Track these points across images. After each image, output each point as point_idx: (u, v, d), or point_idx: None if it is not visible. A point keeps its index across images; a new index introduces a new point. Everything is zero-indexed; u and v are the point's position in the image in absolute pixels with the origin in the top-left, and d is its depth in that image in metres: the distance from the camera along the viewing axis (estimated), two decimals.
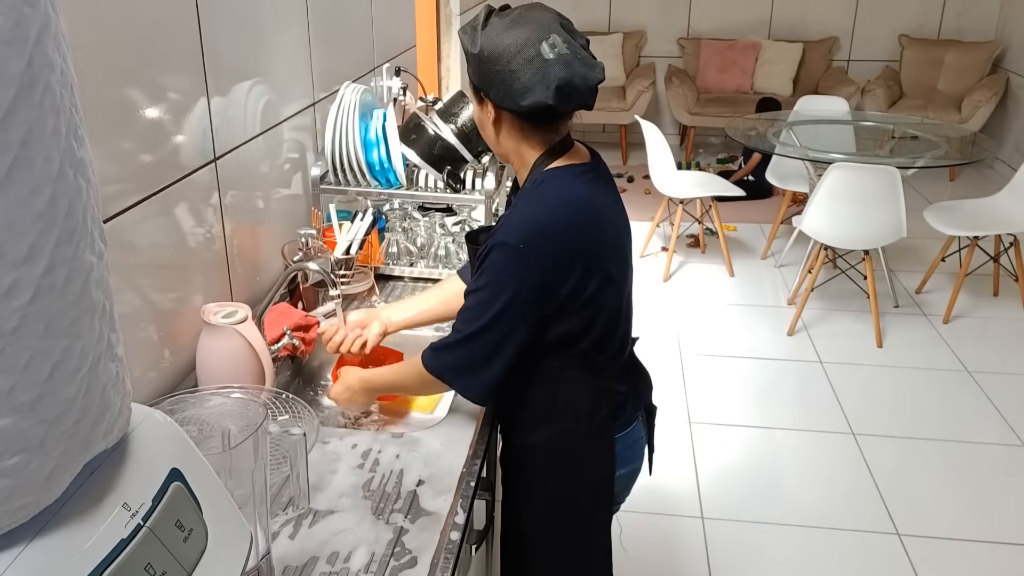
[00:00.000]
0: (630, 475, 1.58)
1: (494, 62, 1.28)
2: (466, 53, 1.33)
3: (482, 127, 1.43)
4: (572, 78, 1.27)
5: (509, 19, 1.30)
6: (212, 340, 1.41)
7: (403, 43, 2.90)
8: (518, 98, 1.29)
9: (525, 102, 1.28)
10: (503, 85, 1.29)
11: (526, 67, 1.27)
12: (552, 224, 1.32)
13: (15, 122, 0.52)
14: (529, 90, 1.27)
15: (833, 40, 6.41)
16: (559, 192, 1.35)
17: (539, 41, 1.26)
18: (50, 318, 0.56)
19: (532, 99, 1.28)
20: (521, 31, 1.28)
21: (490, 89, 1.32)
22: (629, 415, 1.53)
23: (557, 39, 1.27)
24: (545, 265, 1.31)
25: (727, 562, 2.47)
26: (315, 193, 2.02)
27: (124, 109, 1.26)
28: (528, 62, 1.27)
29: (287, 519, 1.23)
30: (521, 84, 1.27)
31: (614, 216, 1.42)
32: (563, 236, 1.32)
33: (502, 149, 1.43)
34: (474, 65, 1.32)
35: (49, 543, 0.60)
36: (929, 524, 2.62)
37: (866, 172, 3.51)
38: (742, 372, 3.53)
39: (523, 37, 1.27)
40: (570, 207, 1.34)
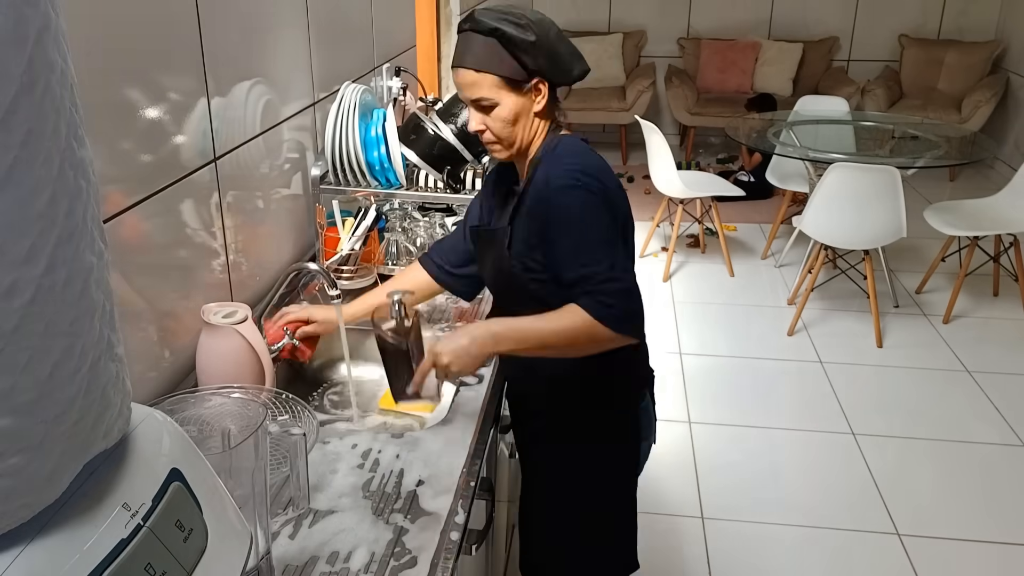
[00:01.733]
0: (648, 447, 1.67)
1: (549, 45, 1.39)
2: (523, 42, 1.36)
3: (518, 117, 1.43)
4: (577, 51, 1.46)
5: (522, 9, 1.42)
6: (212, 340, 1.41)
7: (403, 43, 2.90)
8: (569, 70, 1.43)
9: (575, 72, 1.44)
10: (558, 63, 1.41)
11: (562, 44, 1.42)
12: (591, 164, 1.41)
13: (15, 122, 0.52)
14: (572, 65, 1.43)
15: (833, 40, 6.41)
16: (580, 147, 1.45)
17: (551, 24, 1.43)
18: (50, 318, 0.56)
19: (579, 68, 1.44)
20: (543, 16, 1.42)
21: (548, 70, 1.41)
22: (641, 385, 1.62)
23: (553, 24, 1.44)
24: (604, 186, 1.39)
25: (727, 562, 2.46)
26: (315, 193, 2.02)
27: (124, 109, 1.26)
28: (560, 40, 1.42)
29: (287, 519, 1.23)
30: (564, 62, 1.42)
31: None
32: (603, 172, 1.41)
33: (531, 135, 1.46)
34: (530, 53, 1.37)
35: (49, 543, 0.60)
36: (929, 524, 2.62)
37: (866, 172, 3.51)
38: (742, 372, 3.53)
39: (547, 20, 1.43)
40: (593, 155, 1.44)
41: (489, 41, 1.37)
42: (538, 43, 1.37)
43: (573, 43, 1.45)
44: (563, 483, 1.62)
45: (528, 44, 1.36)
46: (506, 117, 1.41)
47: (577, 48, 1.46)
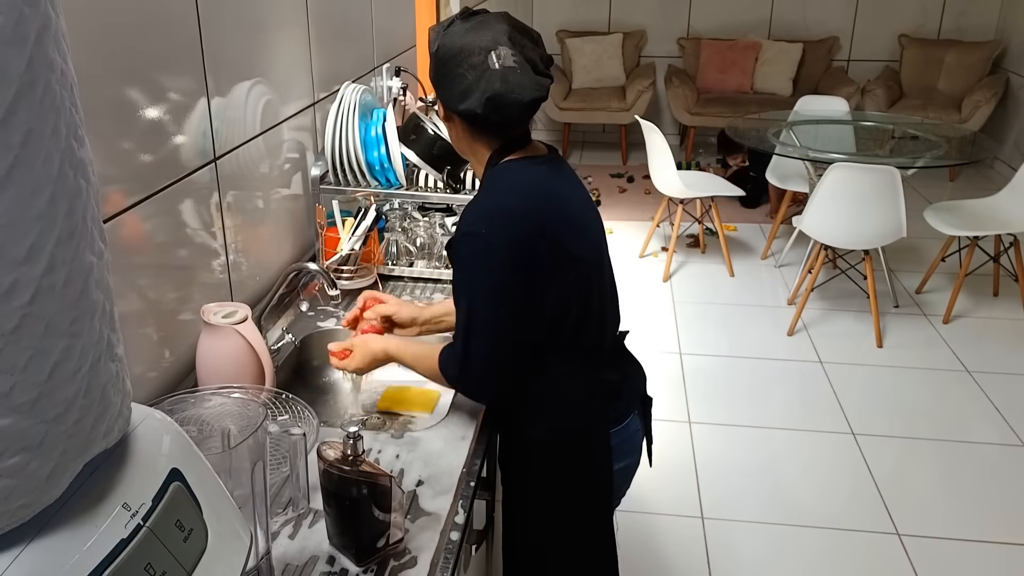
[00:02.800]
0: (628, 468, 1.59)
1: (445, 63, 1.34)
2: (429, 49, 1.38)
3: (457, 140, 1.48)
4: (505, 92, 1.31)
5: (469, 24, 1.35)
6: (212, 340, 1.41)
7: (403, 43, 2.90)
8: (456, 101, 1.34)
9: (461, 106, 1.33)
10: (448, 87, 1.34)
11: (469, 72, 1.31)
12: (504, 205, 1.35)
13: (15, 122, 0.52)
14: (465, 96, 1.32)
15: (833, 40, 6.41)
16: (511, 178, 1.39)
17: (488, 50, 1.30)
18: (50, 318, 0.56)
19: (465, 105, 1.33)
20: (476, 36, 1.32)
21: (439, 88, 1.37)
22: (623, 408, 1.52)
23: (505, 51, 1.31)
24: (509, 246, 1.32)
25: (727, 562, 2.47)
26: (315, 193, 2.02)
27: (124, 109, 1.26)
28: (472, 68, 1.31)
29: (287, 519, 1.23)
30: (460, 89, 1.32)
31: (575, 200, 1.43)
32: (518, 215, 1.34)
33: (459, 147, 1.48)
34: (432, 64, 1.37)
35: (49, 543, 0.60)
36: (929, 524, 2.62)
37: (866, 172, 3.51)
38: (742, 372, 3.53)
39: (476, 43, 1.31)
40: (523, 190, 1.37)
41: None
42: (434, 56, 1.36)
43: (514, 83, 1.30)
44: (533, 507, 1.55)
45: (430, 55, 1.36)
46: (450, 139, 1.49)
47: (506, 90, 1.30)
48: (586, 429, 1.47)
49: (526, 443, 1.51)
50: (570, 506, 1.52)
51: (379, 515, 1.13)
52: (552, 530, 1.54)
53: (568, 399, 1.46)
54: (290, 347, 1.71)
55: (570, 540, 1.55)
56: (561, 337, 1.42)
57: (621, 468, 1.55)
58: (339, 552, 1.17)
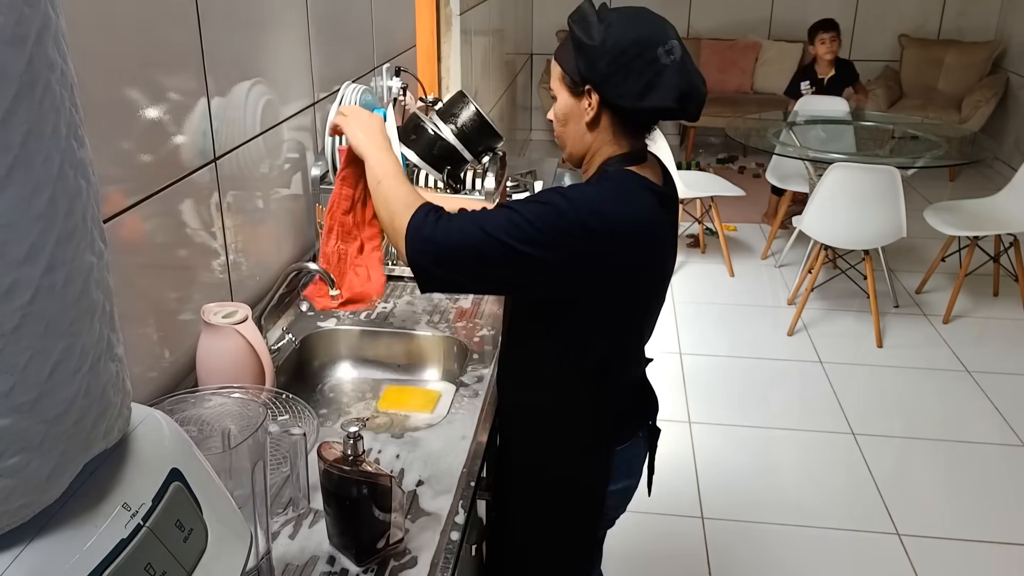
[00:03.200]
0: (626, 490, 1.55)
1: (614, 57, 1.24)
2: (578, 41, 1.27)
3: (568, 120, 1.35)
4: (690, 87, 1.27)
5: (626, 16, 1.27)
6: (212, 340, 1.41)
7: (403, 43, 2.90)
8: (637, 98, 1.26)
9: (646, 103, 1.26)
10: (622, 83, 1.25)
11: (647, 68, 1.24)
12: (601, 212, 1.25)
13: (15, 122, 0.52)
14: (650, 91, 1.25)
15: None
16: (620, 190, 1.29)
17: (658, 44, 1.24)
18: (50, 318, 0.56)
19: (654, 101, 1.25)
20: (642, 30, 1.25)
21: (603, 84, 1.27)
22: (629, 431, 1.50)
23: (675, 45, 1.25)
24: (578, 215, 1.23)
25: (727, 562, 2.47)
26: (315, 193, 2.02)
27: (124, 109, 1.27)
28: (648, 64, 1.24)
29: (287, 519, 1.23)
30: (640, 85, 1.25)
31: (662, 240, 1.35)
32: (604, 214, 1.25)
33: (584, 146, 1.36)
34: (588, 57, 1.26)
35: (49, 543, 0.60)
36: (929, 524, 2.62)
37: (866, 172, 3.51)
38: (742, 372, 3.53)
39: (644, 37, 1.24)
40: (622, 209, 1.27)
41: (567, 32, 1.32)
42: (599, 49, 1.25)
43: (688, 81, 1.26)
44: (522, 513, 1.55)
45: (587, 47, 1.26)
46: (559, 114, 1.36)
47: (690, 89, 1.26)
48: (585, 449, 1.45)
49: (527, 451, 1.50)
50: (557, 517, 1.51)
51: (379, 515, 1.14)
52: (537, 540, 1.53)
53: (578, 415, 1.43)
54: (290, 347, 1.71)
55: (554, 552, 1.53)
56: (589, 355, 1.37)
57: (619, 489, 1.52)
58: (339, 552, 1.17)
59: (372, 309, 1.92)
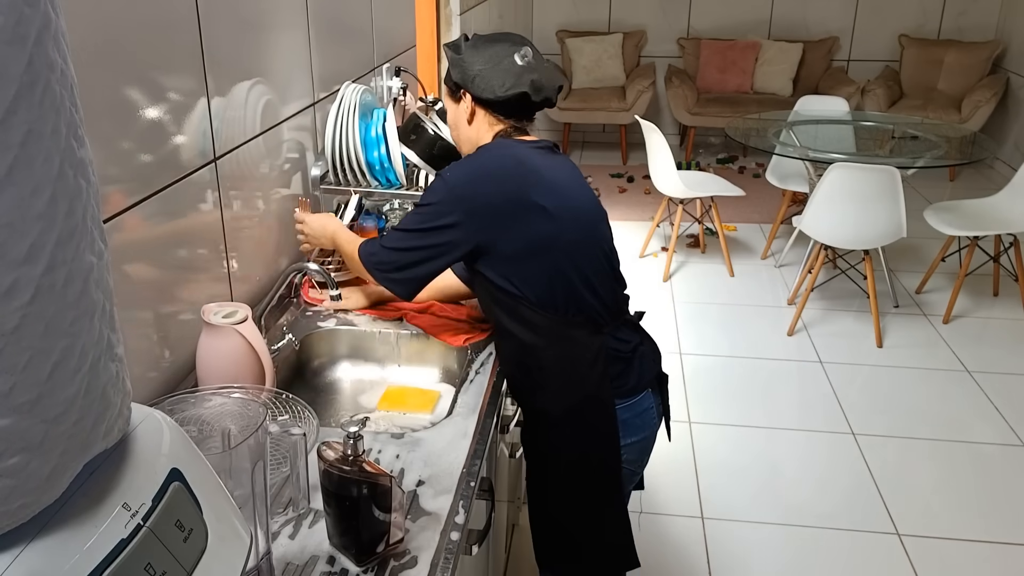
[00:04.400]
0: (644, 443, 1.66)
1: (477, 64, 1.58)
2: (451, 60, 1.62)
3: (456, 123, 1.67)
4: (542, 78, 1.59)
5: (488, 38, 1.61)
6: (212, 340, 1.41)
7: (403, 43, 2.90)
8: (498, 90, 1.57)
9: (503, 92, 1.57)
10: (484, 82, 1.58)
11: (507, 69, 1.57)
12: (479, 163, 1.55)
13: (15, 122, 0.52)
14: (510, 85, 1.57)
15: (833, 40, 6.41)
16: (496, 148, 1.58)
17: (512, 53, 1.58)
18: (50, 318, 0.56)
19: (513, 91, 1.57)
20: (499, 45, 1.59)
21: (471, 85, 1.59)
22: (634, 382, 1.60)
23: (528, 51, 1.58)
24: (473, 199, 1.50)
25: (727, 562, 2.47)
26: (315, 193, 2.02)
27: (124, 109, 1.26)
28: (506, 69, 1.57)
29: (287, 519, 1.23)
30: (501, 81, 1.57)
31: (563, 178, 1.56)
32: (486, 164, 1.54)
33: (472, 140, 1.65)
34: (459, 68, 1.60)
35: (49, 543, 0.60)
36: (929, 524, 2.62)
37: (866, 172, 3.51)
38: (742, 372, 3.53)
39: (501, 49, 1.59)
40: (503, 159, 1.54)
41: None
42: (466, 60, 1.59)
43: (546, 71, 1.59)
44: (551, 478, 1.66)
45: (455, 60, 1.61)
46: (451, 123, 1.69)
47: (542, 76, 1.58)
48: (592, 395, 1.56)
49: (538, 415, 1.62)
50: (582, 474, 1.61)
51: (379, 515, 1.13)
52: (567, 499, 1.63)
53: (572, 365, 1.55)
54: (290, 347, 1.71)
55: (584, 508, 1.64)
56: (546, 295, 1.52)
57: (635, 442, 1.63)
58: (339, 552, 1.17)
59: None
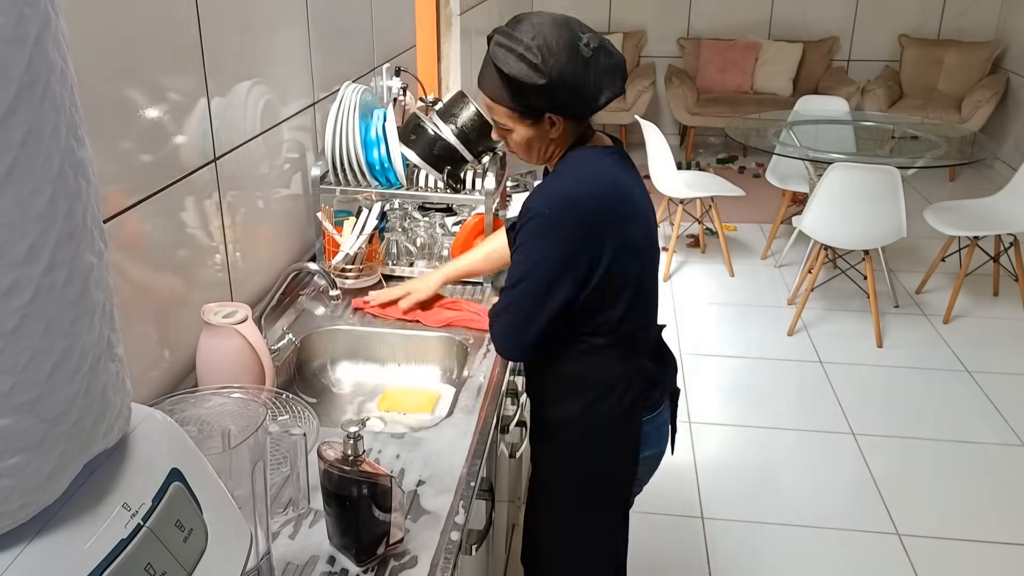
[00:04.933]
0: (655, 457, 1.64)
1: (565, 86, 1.33)
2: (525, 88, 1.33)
3: (532, 143, 1.45)
4: (619, 61, 1.38)
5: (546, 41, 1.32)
6: (213, 340, 1.41)
7: (403, 43, 2.90)
8: (592, 102, 1.37)
9: (601, 101, 1.37)
10: (578, 100, 1.36)
11: (588, 77, 1.34)
12: (576, 192, 1.39)
13: (15, 122, 0.52)
14: (600, 91, 1.36)
15: (833, 40, 6.41)
16: (581, 166, 1.44)
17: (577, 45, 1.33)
18: (50, 318, 0.56)
19: (606, 96, 1.37)
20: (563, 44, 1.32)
21: (564, 108, 1.37)
22: (657, 397, 1.59)
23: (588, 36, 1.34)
24: (572, 231, 1.37)
25: (727, 562, 2.47)
26: (315, 193, 2.02)
27: (124, 109, 1.26)
28: (585, 72, 1.33)
29: (287, 519, 1.23)
30: (591, 92, 1.36)
31: (637, 194, 1.47)
32: (587, 204, 1.38)
33: (550, 153, 1.47)
34: (543, 95, 1.34)
35: (49, 543, 0.60)
36: (929, 524, 2.62)
37: (866, 172, 3.51)
38: (742, 372, 3.53)
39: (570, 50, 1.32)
40: (592, 179, 1.41)
41: (501, 77, 1.36)
42: (549, 85, 1.32)
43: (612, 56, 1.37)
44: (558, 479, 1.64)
45: (537, 88, 1.33)
46: (519, 142, 1.45)
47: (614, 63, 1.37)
48: (623, 414, 1.53)
49: (560, 421, 1.57)
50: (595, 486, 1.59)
51: (379, 515, 1.13)
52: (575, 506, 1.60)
53: (611, 381, 1.51)
54: (290, 347, 1.71)
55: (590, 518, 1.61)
56: (611, 321, 1.46)
57: (650, 455, 1.61)
58: (339, 552, 1.17)
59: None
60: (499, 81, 1.36)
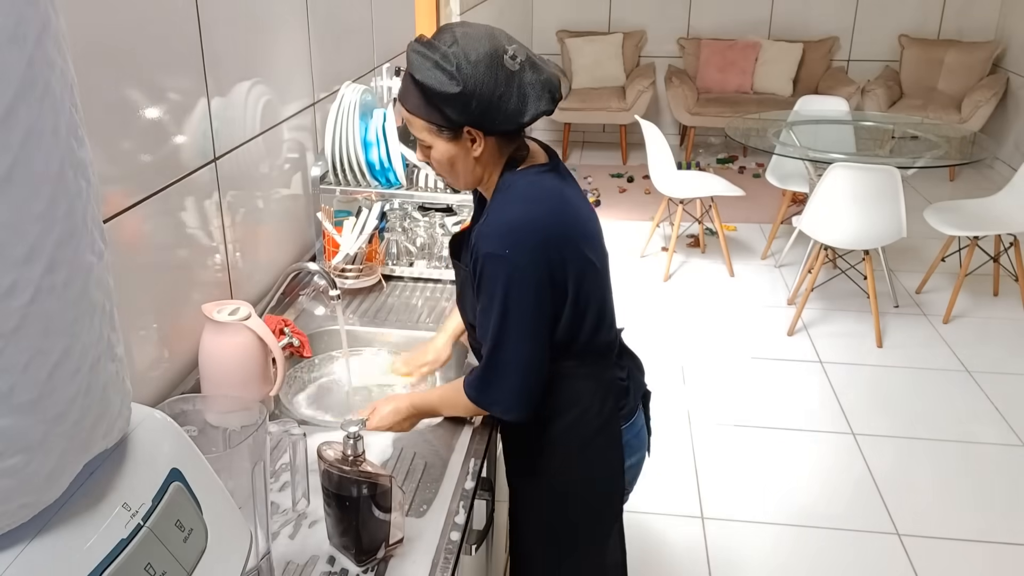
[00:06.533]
0: (637, 464, 1.59)
1: (481, 96, 1.25)
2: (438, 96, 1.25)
3: (455, 162, 1.35)
4: (550, 77, 1.29)
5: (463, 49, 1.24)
6: (217, 338, 1.40)
7: (403, 43, 2.90)
8: (517, 116, 1.28)
9: (527, 116, 1.28)
10: (499, 113, 1.27)
11: (510, 88, 1.26)
12: (528, 220, 1.32)
13: (15, 122, 0.52)
14: (525, 105, 1.28)
15: (833, 40, 6.41)
16: (526, 189, 1.35)
17: (502, 57, 1.25)
18: (50, 318, 0.56)
19: (533, 112, 1.28)
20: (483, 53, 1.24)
21: (483, 121, 1.28)
22: (632, 404, 1.53)
23: (514, 48, 1.27)
24: (538, 269, 1.30)
25: (727, 562, 2.46)
26: (315, 193, 2.02)
27: (124, 109, 1.26)
28: (509, 83, 1.26)
29: (287, 519, 1.23)
30: (514, 105, 1.27)
31: (582, 206, 1.41)
32: (544, 232, 1.31)
33: (478, 176, 1.39)
34: (456, 104, 1.25)
35: (49, 543, 0.60)
36: (929, 524, 2.62)
37: (866, 172, 3.51)
38: (742, 372, 3.53)
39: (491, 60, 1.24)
40: (540, 201, 1.34)
41: (417, 87, 1.28)
42: (463, 95, 1.24)
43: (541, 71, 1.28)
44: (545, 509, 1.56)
45: (449, 97, 1.24)
46: (440, 160, 1.35)
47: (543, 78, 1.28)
48: (600, 428, 1.48)
49: (540, 447, 1.50)
50: (583, 506, 1.53)
51: (379, 515, 1.14)
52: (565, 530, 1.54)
53: (584, 401, 1.45)
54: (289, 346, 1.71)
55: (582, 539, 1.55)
56: (578, 341, 1.41)
57: (632, 464, 1.56)
58: (339, 552, 1.17)
59: (371, 307, 1.92)
60: (415, 91, 1.28)
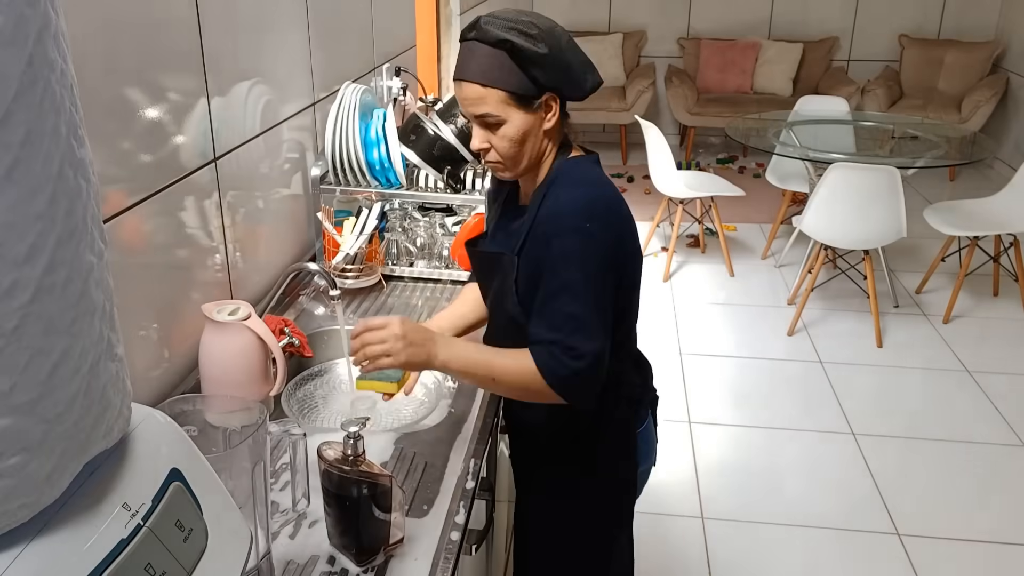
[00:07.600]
0: (646, 472, 1.58)
1: (559, 62, 1.27)
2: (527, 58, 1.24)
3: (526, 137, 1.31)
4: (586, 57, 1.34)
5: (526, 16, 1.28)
6: (218, 338, 1.40)
7: (403, 43, 2.90)
8: (582, 83, 1.31)
9: (587, 85, 1.32)
10: (570, 80, 1.30)
11: (573, 53, 1.30)
12: (602, 196, 1.32)
13: (15, 122, 0.52)
14: (585, 74, 1.31)
15: (833, 40, 6.41)
16: (589, 174, 1.36)
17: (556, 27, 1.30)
18: (50, 318, 0.56)
19: (592, 81, 1.32)
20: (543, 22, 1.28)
21: (565, 84, 1.30)
22: (644, 412, 1.53)
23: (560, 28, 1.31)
24: (611, 241, 1.29)
25: (727, 562, 2.46)
26: (315, 193, 2.02)
27: (124, 109, 1.26)
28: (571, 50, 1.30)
29: (287, 519, 1.23)
30: (578, 72, 1.31)
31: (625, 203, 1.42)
32: (614, 207, 1.33)
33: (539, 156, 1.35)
34: (543, 67, 1.26)
35: (49, 543, 0.60)
36: (929, 524, 2.62)
37: (866, 172, 3.51)
38: (742, 372, 3.53)
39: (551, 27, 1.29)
40: (606, 185, 1.35)
41: (497, 53, 1.24)
42: (550, 55, 1.25)
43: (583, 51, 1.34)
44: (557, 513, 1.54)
45: (539, 57, 1.24)
46: (513, 136, 1.30)
47: (588, 57, 1.34)
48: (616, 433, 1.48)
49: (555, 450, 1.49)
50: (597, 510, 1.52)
51: (379, 515, 1.14)
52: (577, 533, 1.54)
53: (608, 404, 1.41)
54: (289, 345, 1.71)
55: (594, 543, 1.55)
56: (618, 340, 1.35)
57: (641, 471, 1.55)
58: (339, 552, 1.17)
59: (371, 307, 1.92)
60: (493, 60, 1.25)
